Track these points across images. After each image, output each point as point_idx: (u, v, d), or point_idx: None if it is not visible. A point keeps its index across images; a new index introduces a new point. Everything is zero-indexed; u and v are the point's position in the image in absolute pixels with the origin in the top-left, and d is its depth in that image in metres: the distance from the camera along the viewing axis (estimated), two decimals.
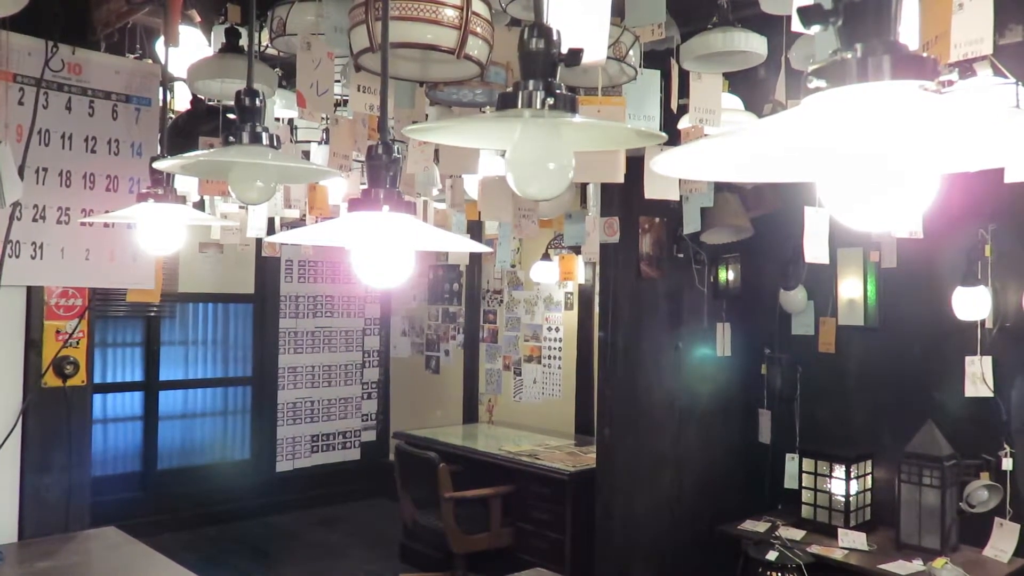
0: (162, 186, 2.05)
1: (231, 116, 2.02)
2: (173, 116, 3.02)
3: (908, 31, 1.76)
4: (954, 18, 1.65)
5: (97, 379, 5.79)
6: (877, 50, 0.66)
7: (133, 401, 6.10)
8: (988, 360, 3.54)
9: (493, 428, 6.00)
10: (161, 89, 2.60)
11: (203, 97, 2.81)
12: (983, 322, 3.55)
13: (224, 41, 2.39)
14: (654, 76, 2.38)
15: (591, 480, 4.15)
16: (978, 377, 3.55)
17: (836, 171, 0.69)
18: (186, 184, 3.38)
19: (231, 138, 1.58)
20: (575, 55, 1.03)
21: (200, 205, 3.90)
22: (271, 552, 5.81)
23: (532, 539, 4.68)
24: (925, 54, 1.64)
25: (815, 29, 0.71)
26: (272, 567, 5.55)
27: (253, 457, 6.58)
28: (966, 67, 2.25)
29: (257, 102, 1.58)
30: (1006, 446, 3.53)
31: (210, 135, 2.76)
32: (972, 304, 3.43)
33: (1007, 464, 3.51)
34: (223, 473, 6.42)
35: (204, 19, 2.79)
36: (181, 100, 3.21)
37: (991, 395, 3.54)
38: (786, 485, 4.19)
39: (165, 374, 6.22)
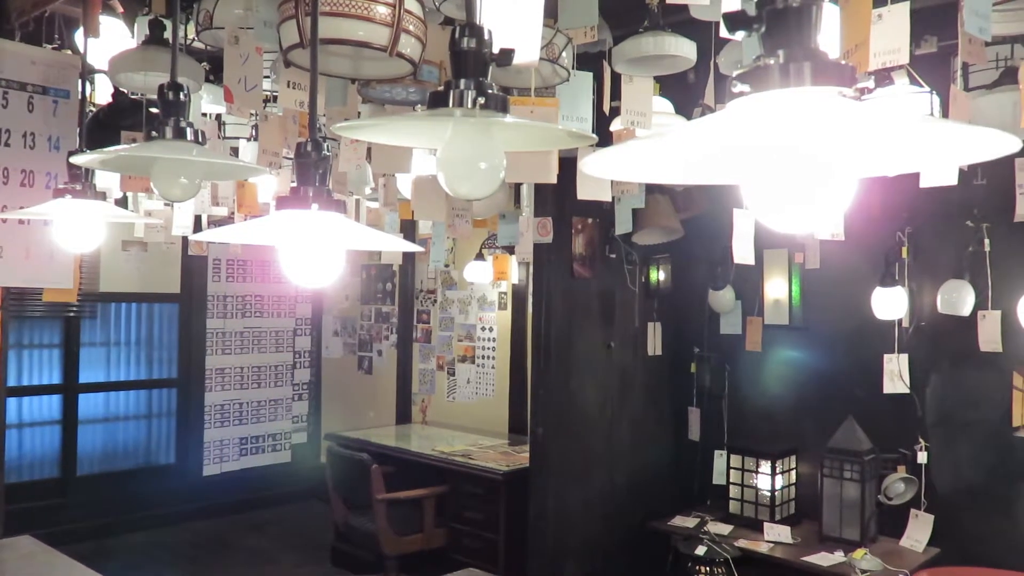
0: (80, 182, 1.98)
1: (154, 110, 1.96)
2: (94, 109, 2.92)
3: (830, 40, 1.81)
4: (873, 29, 1.71)
5: (12, 382, 5.55)
6: (798, 57, 0.67)
7: (51, 404, 5.86)
8: (905, 358, 3.69)
9: (426, 428, 5.97)
10: (80, 81, 2.51)
11: (125, 90, 2.72)
12: (900, 321, 3.69)
13: (148, 33, 2.32)
14: (586, 78, 2.40)
15: (525, 479, 4.16)
16: (895, 374, 3.68)
17: (759, 174, 0.71)
18: (108, 180, 3.27)
19: (154, 133, 1.53)
20: (506, 55, 1.03)
21: (123, 202, 3.78)
22: (198, 559, 5.67)
23: (465, 539, 4.67)
24: (844, 62, 1.69)
25: (740, 35, 0.72)
26: (199, 574, 5.42)
27: (179, 461, 6.41)
28: (884, 75, 2.33)
29: (181, 96, 1.53)
30: (921, 440, 3.68)
31: (133, 129, 2.68)
32: (890, 304, 3.56)
33: (922, 458, 3.66)
34: (147, 478, 6.23)
35: (127, 10, 2.71)
36: (103, 93, 3.11)
37: (907, 391, 3.68)
38: (715, 481, 4.29)
39: (85, 376, 6.00)
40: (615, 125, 2.67)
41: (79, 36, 2.83)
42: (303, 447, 7.06)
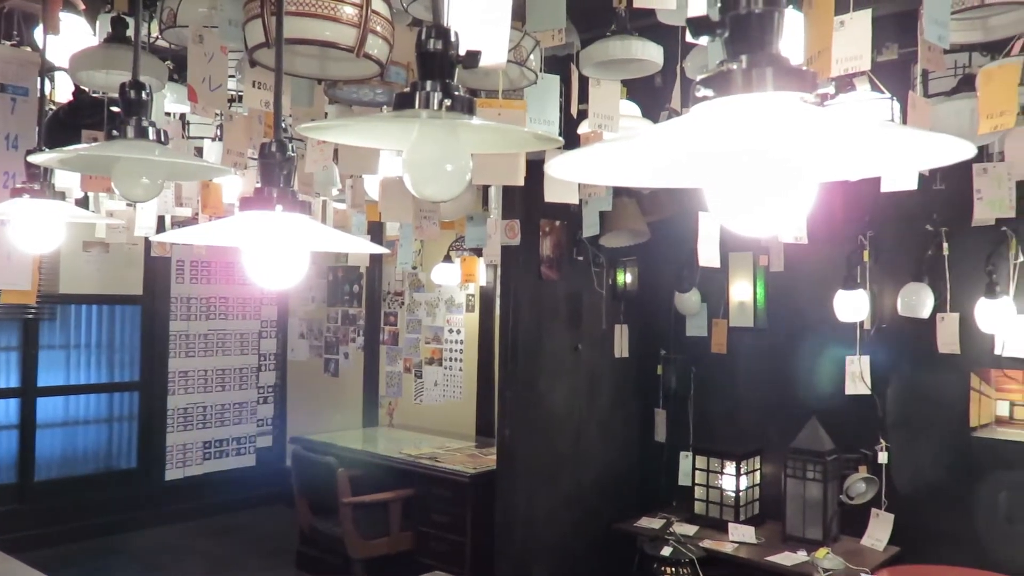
0: (39, 181, 1.94)
1: (116, 109, 1.93)
2: (53, 107, 2.86)
3: (794, 46, 1.84)
4: (835, 35, 1.74)
5: None
6: (760, 62, 0.68)
7: (8, 409, 5.73)
8: (866, 359, 3.75)
9: (393, 431, 5.94)
10: (39, 78, 2.46)
11: (87, 88, 2.67)
12: (862, 323, 3.75)
13: (110, 30, 2.28)
14: (554, 81, 2.41)
15: (492, 482, 4.16)
16: (857, 375, 3.74)
17: (721, 177, 0.72)
18: (68, 180, 3.21)
19: (115, 132, 1.50)
20: (473, 57, 1.03)
21: (84, 202, 3.71)
22: (161, 565, 5.58)
23: (432, 542, 4.66)
24: (807, 68, 1.72)
25: (703, 40, 0.73)
26: None
27: (140, 466, 6.30)
28: (846, 81, 2.37)
29: (143, 95, 1.51)
30: (882, 441, 3.74)
31: (94, 128, 2.63)
32: (852, 306, 3.62)
33: (883, 458, 3.72)
34: (108, 483, 6.12)
35: (89, 6, 2.66)
36: (63, 91, 3.05)
37: (869, 392, 3.74)
38: (680, 482, 4.32)
39: (44, 380, 5.88)
40: (583, 128, 2.68)
41: (38, 33, 2.77)
42: (268, 451, 6.99)
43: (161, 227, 3.91)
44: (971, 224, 2.76)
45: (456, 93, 1.00)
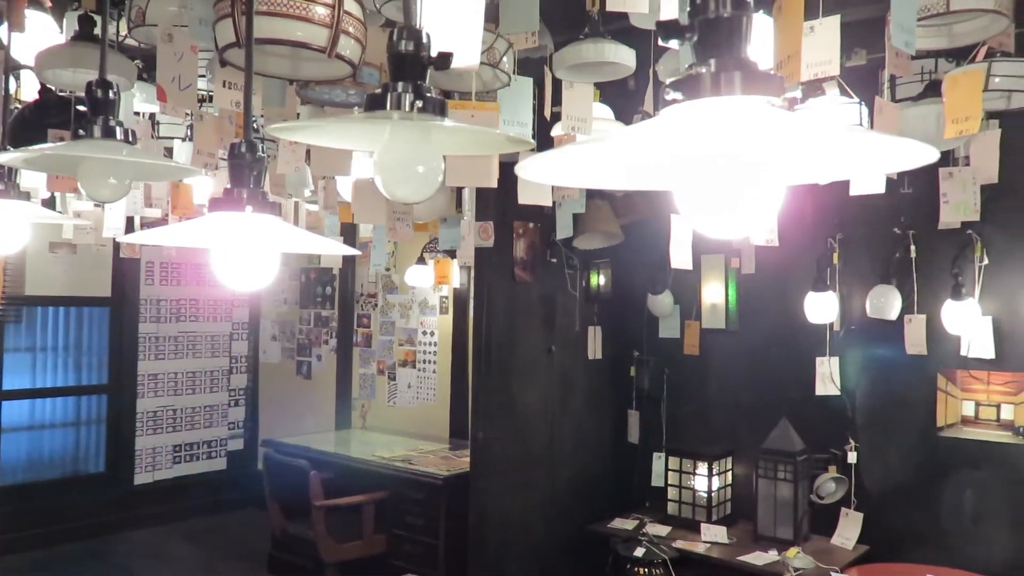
0: (3, 181, 1.90)
1: (82, 108, 1.90)
2: (19, 106, 2.82)
3: (764, 51, 1.86)
4: (805, 40, 1.76)
5: None
6: (728, 66, 0.69)
7: None
8: (836, 360, 3.79)
9: (366, 434, 5.91)
10: (3, 76, 2.41)
11: (53, 87, 2.63)
12: (832, 325, 3.80)
13: (77, 28, 2.25)
14: (527, 83, 2.41)
15: (465, 484, 4.15)
16: (827, 376, 3.79)
17: (690, 180, 0.72)
18: (34, 180, 3.15)
19: (81, 131, 1.48)
20: (445, 59, 1.03)
21: (50, 202, 3.65)
22: (131, 570, 5.50)
23: (406, 545, 4.64)
24: (775, 72, 1.74)
25: (673, 43, 0.73)
26: None
27: (109, 469, 6.21)
28: (816, 86, 2.39)
29: (110, 94, 1.49)
30: (851, 441, 3.78)
31: (60, 127, 2.59)
32: (822, 308, 3.66)
33: (852, 457, 3.77)
34: (75, 487, 6.03)
35: (55, 4, 2.62)
36: (29, 89, 3.00)
37: (839, 393, 3.78)
38: (653, 483, 4.34)
39: (9, 383, 5.77)
40: (556, 130, 2.69)
41: (3, 30, 2.72)
42: (239, 454, 6.92)
43: (130, 228, 3.86)
44: (937, 227, 2.80)
45: (428, 95, 1.00)
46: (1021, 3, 2.03)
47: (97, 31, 2.22)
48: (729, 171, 0.69)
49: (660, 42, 1.94)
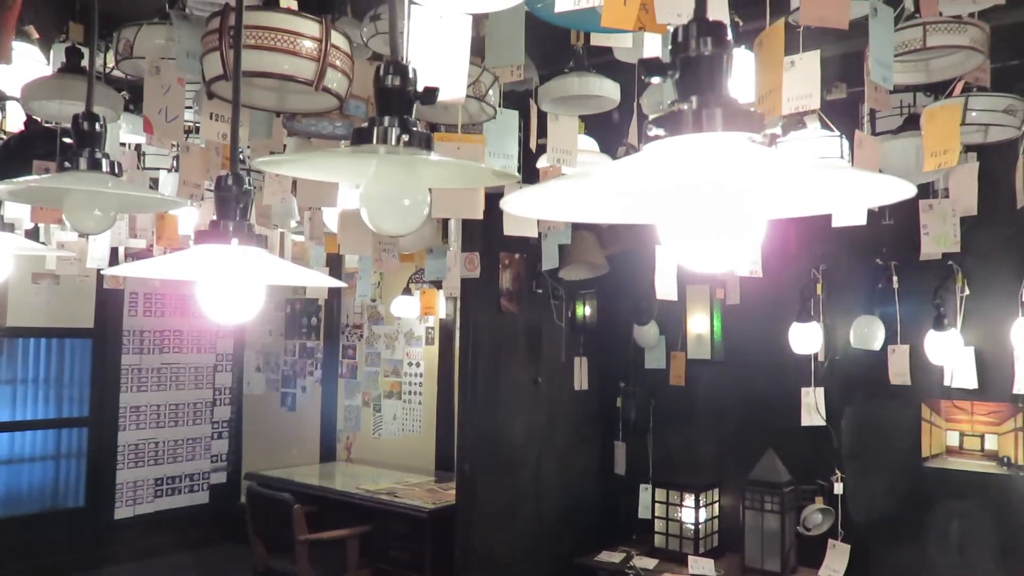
0: None
1: (68, 140, 1.90)
2: (4, 137, 2.81)
3: (747, 85, 1.89)
4: (786, 75, 1.79)
5: None
6: (709, 103, 0.70)
7: None
8: (821, 391, 3.80)
9: (351, 466, 5.86)
10: None
11: (39, 118, 2.63)
12: (816, 355, 3.81)
13: (64, 60, 2.26)
14: (513, 116, 2.43)
15: (451, 517, 4.11)
16: (812, 407, 3.79)
17: (673, 214, 0.73)
18: (18, 211, 3.14)
19: (67, 163, 1.48)
20: (431, 93, 1.04)
21: (34, 232, 3.63)
22: None
23: None
24: (754, 109, 1.76)
25: (656, 80, 0.74)
26: None
27: (88, 504, 6.11)
28: (797, 119, 2.43)
29: (97, 126, 1.49)
30: (837, 472, 3.78)
31: (45, 159, 2.59)
32: (806, 339, 3.67)
33: (839, 488, 3.76)
34: (54, 522, 5.92)
35: (43, 35, 2.63)
36: (14, 121, 2.99)
37: (824, 424, 3.79)
38: (640, 515, 4.32)
39: None
40: (541, 162, 2.71)
41: None
42: (222, 487, 6.83)
43: (114, 258, 3.84)
44: (919, 258, 2.83)
45: (414, 128, 1.00)
46: (995, 39, 2.08)
47: (84, 63, 2.23)
48: (711, 206, 0.70)
49: (643, 78, 1.97)
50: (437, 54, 1.61)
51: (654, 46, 1.91)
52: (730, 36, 0.75)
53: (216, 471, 6.82)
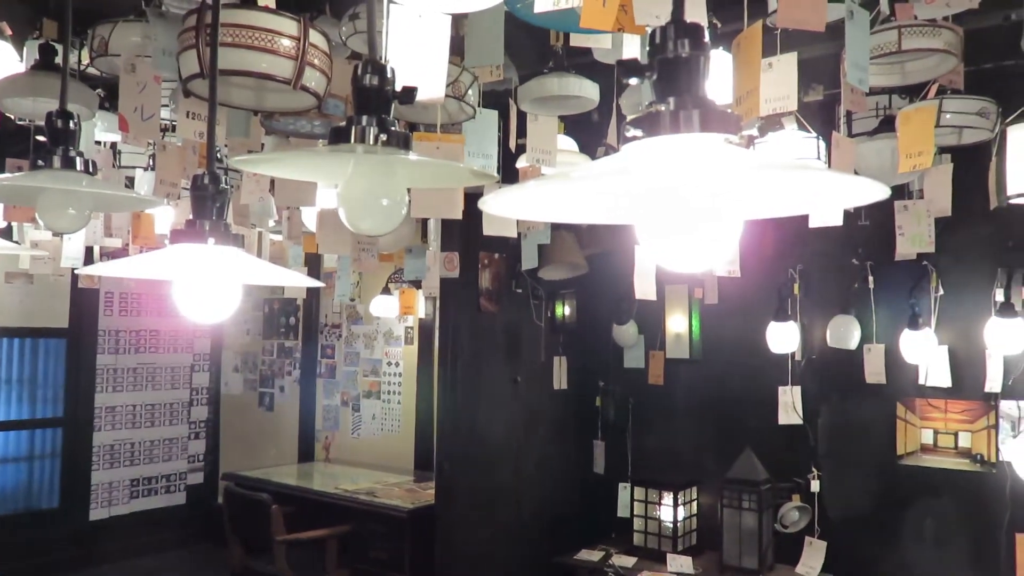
0: None
1: (41, 139, 1.88)
2: None
3: (725, 86, 1.90)
4: (763, 76, 1.80)
5: None
6: (687, 105, 0.71)
7: None
8: (798, 390, 3.83)
9: (330, 466, 5.83)
10: None
11: (12, 116, 2.59)
12: (793, 355, 3.84)
13: (38, 57, 2.23)
14: (492, 116, 2.43)
15: (431, 516, 4.10)
16: (789, 406, 3.82)
17: (650, 215, 0.73)
18: None
19: (40, 162, 1.46)
20: (409, 93, 1.03)
21: (7, 231, 3.58)
22: None
23: None
24: (732, 110, 1.77)
25: (634, 81, 0.75)
26: None
27: (63, 505, 6.03)
28: (774, 120, 2.45)
29: (71, 124, 1.47)
30: (814, 469, 3.82)
31: (19, 157, 2.55)
32: (783, 338, 3.70)
33: (815, 486, 3.80)
34: (27, 524, 5.84)
35: (16, 32, 2.59)
36: None
37: (801, 422, 3.82)
38: (619, 513, 4.33)
39: None
40: (521, 162, 2.71)
41: None
42: (199, 488, 6.77)
43: (89, 258, 3.79)
44: (894, 259, 2.86)
45: (392, 128, 1.00)
46: (969, 43, 2.11)
47: (58, 60, 2.20)
48: (688, 207, 0.70)
49: (622, 80, 1.98)
50: (416, 53, 1.61)
51: (633, 47, 1.92)
52: (707, 38, 0.75)
53: (193, 471, 6.76)
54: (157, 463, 6.51)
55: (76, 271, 1.42)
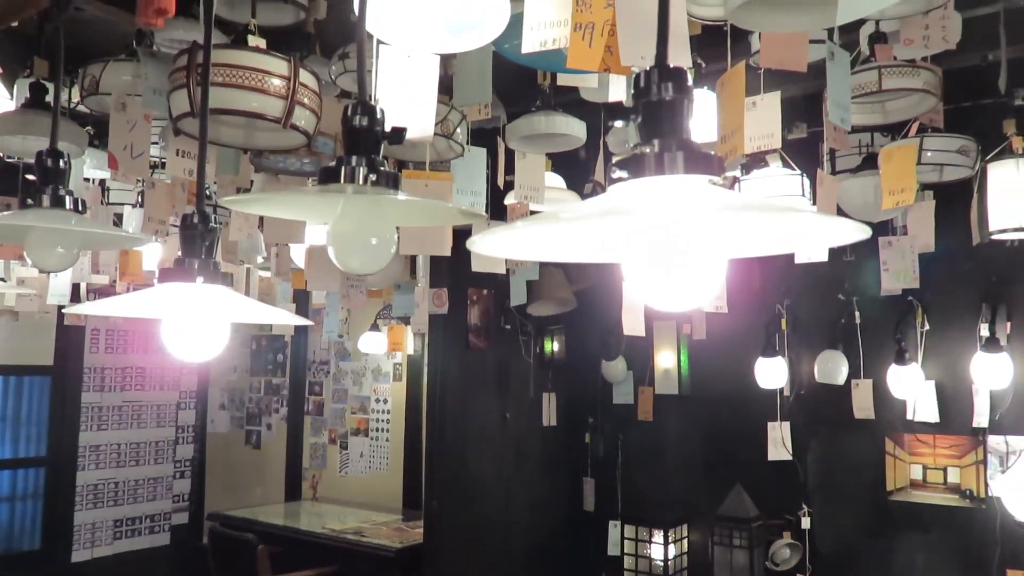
0: None
1: (31, 177, 1.88)
2: None
3: (710, 124, 1.93)
4: (747, 115, 1.83)
5: None
6: (671, 147, 0.72)
7: None
8: (787, 425, 3.84)
9: (317, 505, 5.76)
10: None
11: (2, 154, 2.59)
12: (782, 390, 3.85)
13: (28, 95, 2.24)
14: (481, 153, 2.46)
15: (419, 556, 4.05)
16: (779, 441, 3.82)
17: (636, 255, 0.74)
18: None
19: (29, 200, 1.46)
20: (398, 134, 1.05)
21: None
22: None
23: None
24: (717, 148, 1.80)
25: (619, 124, 0.76)
26: None
27: (45, 546, 5.92)
28: (759, 158, 2.48)
29: (61, 163, 1.48)
30: (804, 506, 3.80)
31: (6, 194, 2.55)
32: (771, 373, 3.71)
33: (806, 523, 3.78)
34: (8, 566, 5.72)
35: (6, 70, 2.61)
36: None
37: (790, 458, 3.81)
38: (609, 552, 4.29)
39: None
40: (509, 199, 2.73)
41: None
42: (184, 528, 6.66)
43: (76, 294, 3.78)
44: (880, 294, 2.89)
45: (381, 168, 1.01)
46: (948, 82, 2.15)
47: (49, 99, 2.21)
48: (673, 247, 0.71)
49: (608, 123, 2.01)
50: (405, 93, 1.63)
51: (619, 86, 1.95)
52: (690, 81, 0.77)
53: (178, 511, 6.66)
54: (141, 503, 6.41)
55: (64, 310, 1.41)
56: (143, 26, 1.89)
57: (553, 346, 4.50)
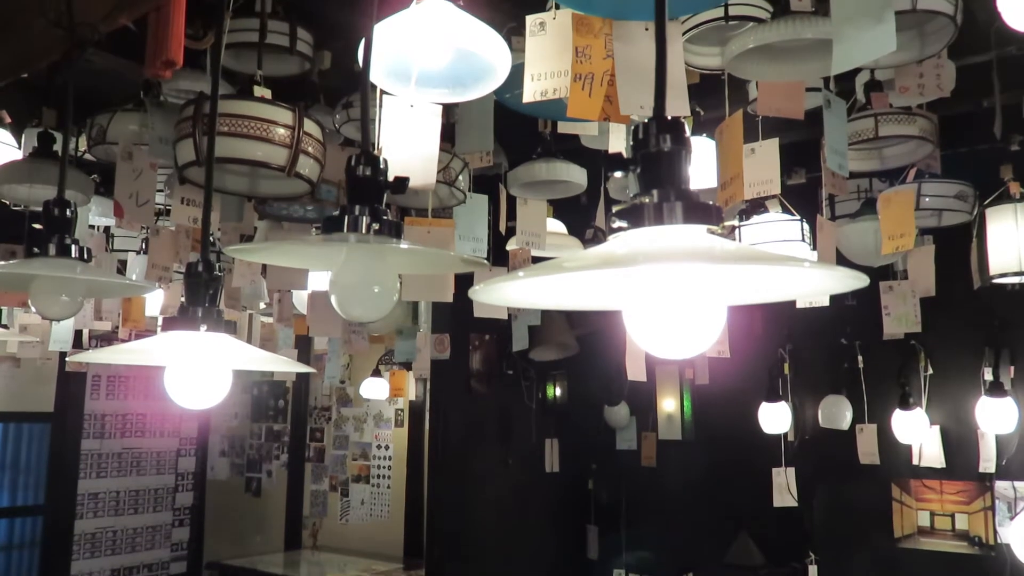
0: None
1: (37, 226, 1.90)
2: None
3: (709, 172, 1.95)
4: (746, 162, 1.85)
5: None
6: (670, 197, 0.73)
7: None
8: (791, 471, 3.79)
9: (317, 554, 5.69)
10: None
11: (7, 201, 2.62)
12: (786, 435, 3.82)
13: (36, 145, 2.27)
14: (483, 200, 2.48)
15: None
16: (784, 487, 3.78)
17: (636, 303, 0.75)
18: None
19: (35, 249, 1.48)
20: (401, 183, 1.06)
21: None
22: None
23: None
24: (717, 195, 1.81)
25: (619, 174, 0.77)
26: None
27: None
28: (758, 203, 2.50)
29: (67, 213, 1.49)
30: (811, 553, 3.74)
31: (11, 241, 2.57)
32: (775, 418, 3.69)
33: (813, 571, 3.72)
34: None
35: (15, 120, 2.65)
36: None
37: (796, 504, 3.77)
38: None
39: None
40: (511, 244, 2.75)
41: None
42: None
43: (78, 341, 3.78)
44: (882, 338, 2.88)
45: (384, 217, 1.02)
46: (944, 129, 2.18)
47: (56, 148, 2.24)
48: (673, 296, 0.72)
49: (608, 173, 2.04)
50: (408, 141, 1.65)
51: (619, 134, 1.98)
52: (688, 132, 0.78)
53: (176, 560, 6.56)
54: (139, 552, 6.33)
55: (68, 358, 1.42)
56: (151, 77, 1.93)
57: (555, 391, 4.49)
